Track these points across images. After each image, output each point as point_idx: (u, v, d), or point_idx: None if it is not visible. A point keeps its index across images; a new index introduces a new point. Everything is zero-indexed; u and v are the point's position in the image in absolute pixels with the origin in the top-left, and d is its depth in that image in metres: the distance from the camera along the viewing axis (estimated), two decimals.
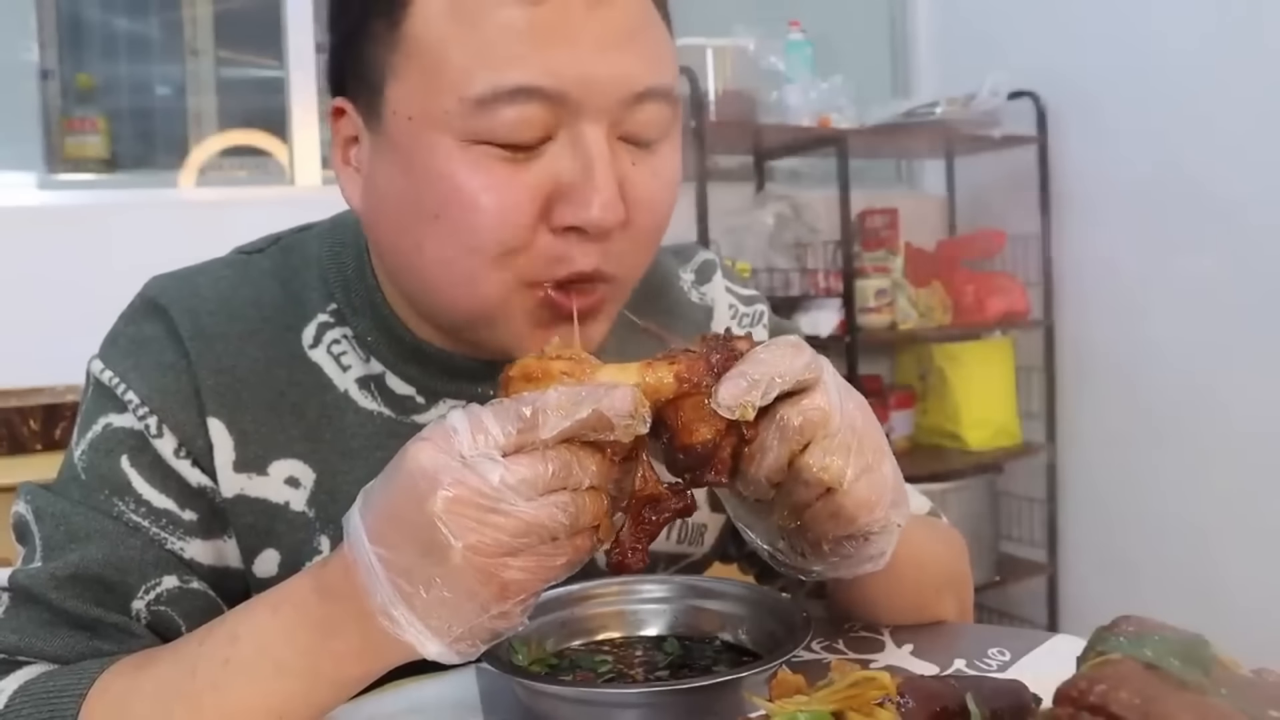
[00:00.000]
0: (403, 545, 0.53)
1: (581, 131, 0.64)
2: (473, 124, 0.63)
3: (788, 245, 2.66)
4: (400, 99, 0.66)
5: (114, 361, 0.75)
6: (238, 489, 0.74)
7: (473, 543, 0.51)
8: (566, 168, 0.65)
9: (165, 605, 0.71)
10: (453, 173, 0.64)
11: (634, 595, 0.75)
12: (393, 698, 0.70)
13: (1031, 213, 2.80)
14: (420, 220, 0.67)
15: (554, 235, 0.66)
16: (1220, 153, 2.40)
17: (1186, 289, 2.49)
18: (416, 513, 0.52)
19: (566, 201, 0.65)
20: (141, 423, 0.73)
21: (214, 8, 2.62)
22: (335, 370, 0.77)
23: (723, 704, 0.58)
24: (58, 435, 1.98)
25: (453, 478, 0.52)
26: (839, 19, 3.19)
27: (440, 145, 0.65)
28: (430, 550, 0.52)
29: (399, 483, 0.54)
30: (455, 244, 0.66)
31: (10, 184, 2.25)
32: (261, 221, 0.91)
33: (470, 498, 0.51)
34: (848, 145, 2.50)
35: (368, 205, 0.72)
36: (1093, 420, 2.76)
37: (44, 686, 0.63)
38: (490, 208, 0.64)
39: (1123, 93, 2.61)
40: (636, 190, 0.67)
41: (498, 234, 0.65)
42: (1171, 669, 0.45)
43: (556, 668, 0.69)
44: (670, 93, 0.68)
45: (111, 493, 0.72)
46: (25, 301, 2.05)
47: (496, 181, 0.64)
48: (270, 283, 0.79)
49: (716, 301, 0.91)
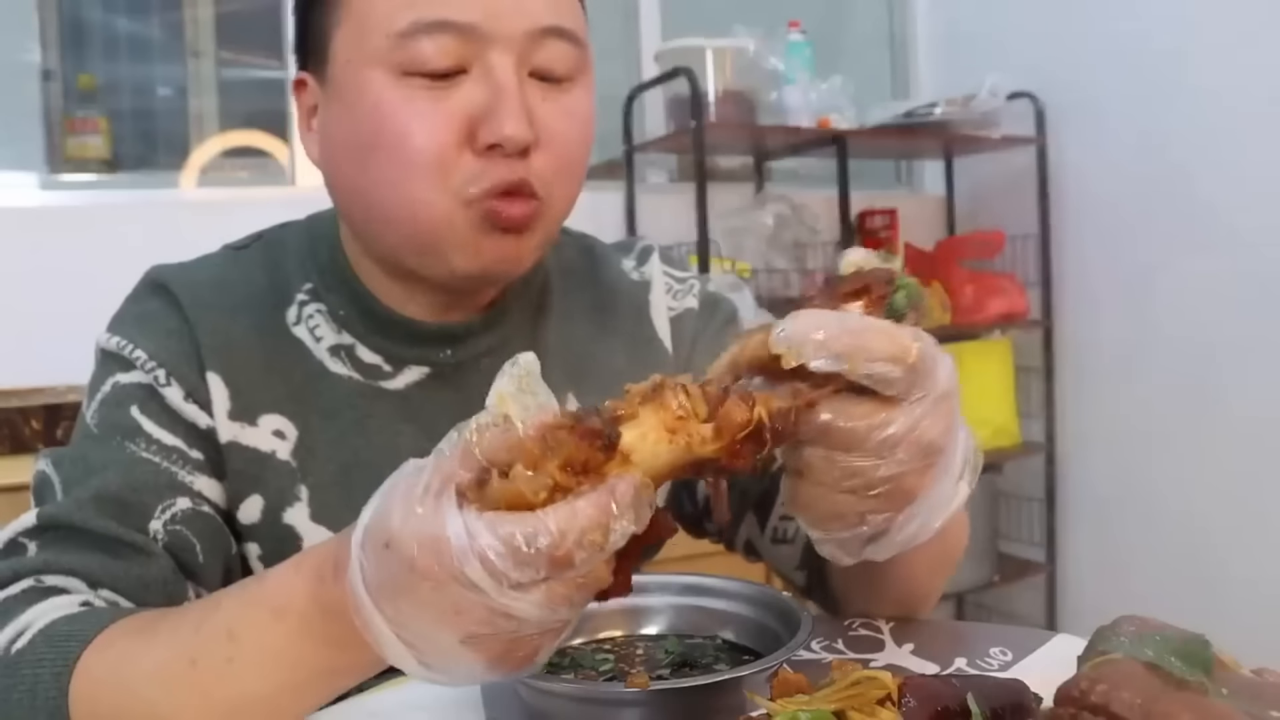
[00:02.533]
0: (411, 623, 0.48)
1: (492, 62, 0.74)
2: (398, 57, 0.74)
3: (787, 245, 2.66)
4: (341, 47, 0.77)
5: (121, 331, 0.82)
6: (231, 436, 0.81)
7: (494, 655, 0.48)
8: (481, 93, 0.75)
9: (181, 525, 0.77)
10: (385, 101, 0.75)
11: (635, 593, 0.75)
12: (393, 695, 0.70)
13: (1030, 213, 2.80)
14: (363, 151, 0.77)
15: (477, 155, 0.75)
16: (1219, 153, 2.40)
17: (1185, 289, 2.49)
18: (423, 609, 0.47)
19: (484, 123, 0.74)
20: (150, 375, 0.80)
21: (215, 9, 2.62)
22: (312, 341, 0.85)
23: (724, 703, 0.58)
24: (59, 435, 1.98)
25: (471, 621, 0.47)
26: (839, 19, 3.19)
27: (374, 79, 0.75)
28: (440, 637, 0.48)
29: (400, 574, 0.47)
30: (394, 169, 0.75)
31: (12, 184, 2.25)
32: (263, 222, 0.92)
33: (491, 630, 0.47)
34: (847, 146, 2.50)
35: (324, 156, 0.81)
36: (1092, 420, 2.76)
37: (59, 629, 0.64)
38: (418, 131, 0.74)
39: (1122, 94, 2.61)
40: (547, 120, 0.77)
41: (427, 154, 0.74)
42: (1172, 669, 0.45)
43: (557, 666, 0.69)
44: (575, 35, 0.78)
45: (124, 437, 0.78)
46: (27, 301, 2.05)
47: (422, 109, 0.74)
48: (257, 271, 0.87)
49: (653, 279, 0.97)
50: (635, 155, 2.62)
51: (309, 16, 0.80)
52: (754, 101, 2.55)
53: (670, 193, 2.74)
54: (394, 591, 0.48)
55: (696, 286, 0.99)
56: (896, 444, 0.53)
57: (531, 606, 0.46)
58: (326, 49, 0.78)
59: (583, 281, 0.95)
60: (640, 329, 0.94)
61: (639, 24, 2.87)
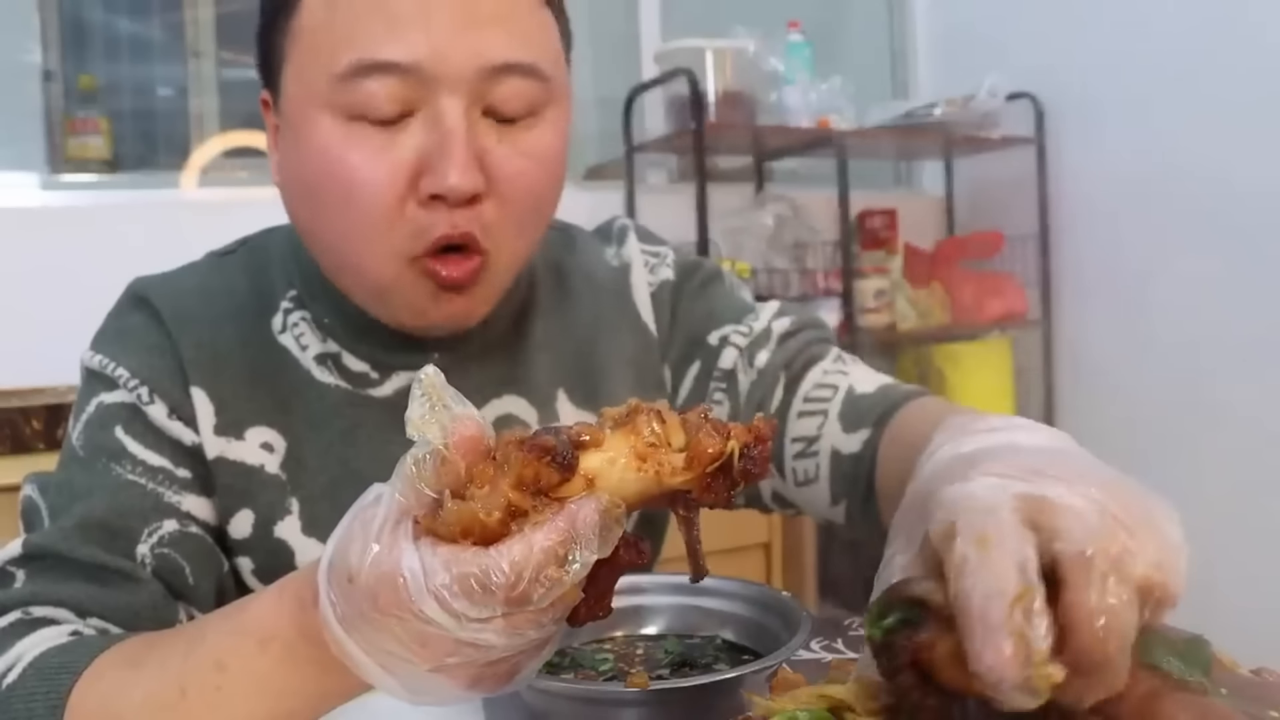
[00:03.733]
0: (384, 648, 0.47)
1: (439, 106, 0.69)
2: (341, 99, 0.69)
3: (787, 246, 2.66)
4: (290, 81, 0.73)
5: (103, 348, 0.81)
6: (218, 451, 0.80)
7: (456, 671, 0.47)
8: (426, 140, 0.70)
9: (168, 548, 0.75)
10: (329, 146, 0.70)
11: (635, 593, 0.75)
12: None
13: (1030, 213, 2.80)
14: (312, 195, 0.73)
15: (421, 206, 0.71)
16: (1218, 154, 2.41)
17: (1185, 289, 2.49)
18: (392, 641, 0.47)
19: (429, 172, 0.70)
20: (133, 394, 0.78)
21: (216, 9, 2.62)
22: (298, 350, 0.83)
23: (723, 703, 0.58)
24: (60, 435, 1.98)
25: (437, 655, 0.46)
26: (838, 20, 3.19)
27: (320, 122, 0.71)
28: (411, 669, 0.47)
29: (366, 609, 0.46)
30: (341, 220, 0.72)
31: (13, 184, 2.25)
32: (262, 222, 0.92)
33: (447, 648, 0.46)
34: (846, 146, 2.50)
35: (281, 185, 0.78)
36: (1091, 420, 2.76)
37: (50, 662, 0.63)
38: (361, 180, 0.70)
39: (1121, 94, 2.62)
40: (499, 164, 0.71)
41: (372, 207, 0.70)
42: (1171, 669, 0.45)
43: (557, 665, 0.69)
44: (536, 70, 0.72)
45: (109, 459, 0.76)
46: (27, 302, 2.05)
47: (366, 155, 0.70)
48: (240, 277, 0.85)
49: (632, 259, 0.95)
50: (635, 156, 2.62)
51: (269, 38, 0.76)
52: (754, 102, 2.55)
53: (670, 193, 2.74)
54: (362, 624, 0.47)
55: (670, 256, 0.95)
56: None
57: (496, 636, 0.44)
58: (279, 79, 0.75)
59: (567, 275, 0.92)
60: (624, 317, 0.92)
61: (639, 24, 2.87)
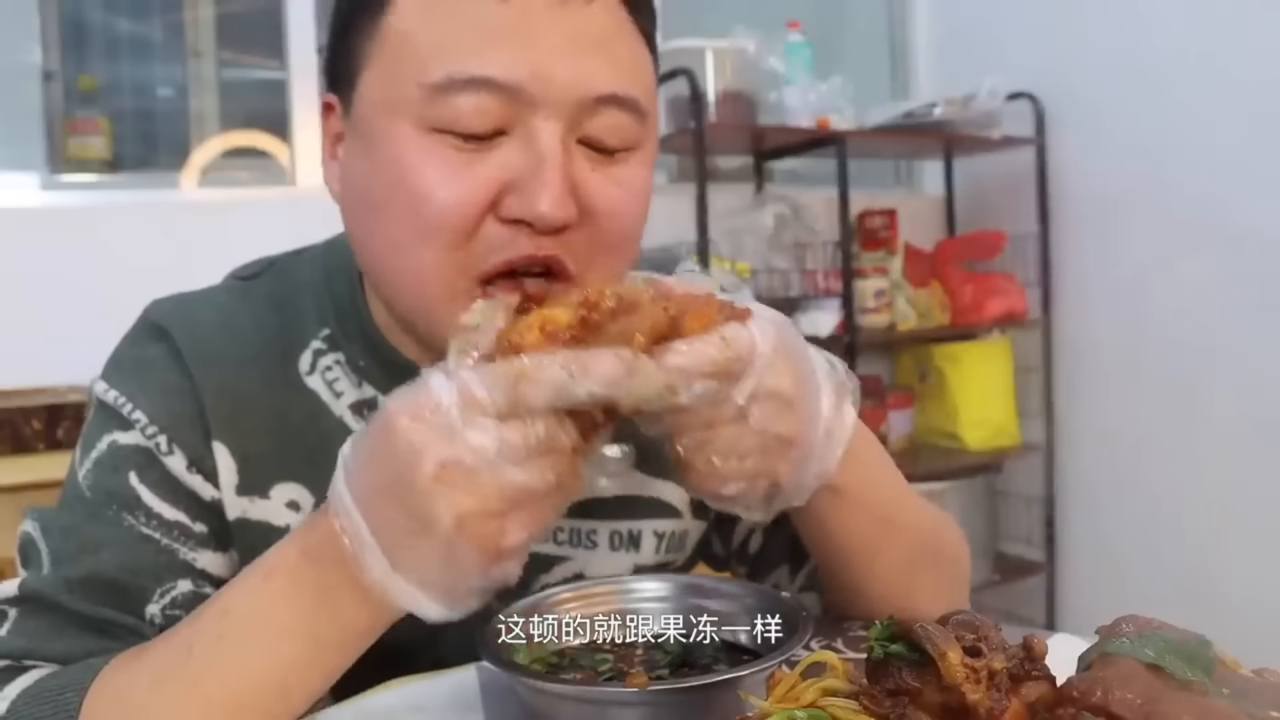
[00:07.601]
0: (395, 518, 0.54)
1: (536, 127, 0.65)
2: (430, 111, 0.65)
3: (787, 246, 2.66)
4: (370, 85, 0.68)
5: (118, 382, 0.75)
6: (240, 512, 0.75)
7: (465, 510, 0.53)
8: (518, 161, 0.65)
9: (181, 609, 0.71)
10: (408, 157, 0.66)
11: (634, 594, 0.75)
12: (393, 695, 0.70)
13: (1030, 213, 2.80)
14: (376, 204, 0.68)
15: (501, 225, 0.66)
16: (1218, 154, 2.41)
17: (1184, 290, 2.49)
18: (407, 486, 0.53)
19: (516, 194, 0.65)
20: (151, 440, 0.73)
21: (216, 9, 2.62)
22: (330, 396, 0.78)
23: (722, 703, 0.58)
24: (60, 435, 1.98)
25: (443, 449, 0.53)
26: (839, 20, 3.19)
27: (400, 131, 0.66)
28: (423, 521, 0.53)
29: (385, 454, 0.55)
30: (407, 232, 0.67)
31: (13, 185, 2.25)
32: (263, 223, 0.92)
33: (461, 467, 0.53)
34: (847, 146, 2.50)
35: (343, 193, 0.73)
36: (1091, 420, 2.76)
37: (47, 685, 0.63)
38: (440, 195, 0.65)
39: (1121, 94, 2.62)
40: (593, 195, 0.67)
41: (444, 220, 0.65)
42: (1173, 669, 0.45)
43: (557, 666, 0.69)
44: (636, 105, 0.68)
45: (120, 507, 0.72)
46: (28, 302, 2.05)
47: (449, 170, 0.65)
48: (266, 308, 0.79)
49: None
50: None
51: (344, 40, 0.71)
52: (754, 102, 2.55)
53: (670, 193, 2.74)
54: (376, 496, 0.54)
55: None
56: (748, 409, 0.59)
57: (488, 440, 0.52)
58: (355, 81, 0.70)
59: None
60: None
61: None
